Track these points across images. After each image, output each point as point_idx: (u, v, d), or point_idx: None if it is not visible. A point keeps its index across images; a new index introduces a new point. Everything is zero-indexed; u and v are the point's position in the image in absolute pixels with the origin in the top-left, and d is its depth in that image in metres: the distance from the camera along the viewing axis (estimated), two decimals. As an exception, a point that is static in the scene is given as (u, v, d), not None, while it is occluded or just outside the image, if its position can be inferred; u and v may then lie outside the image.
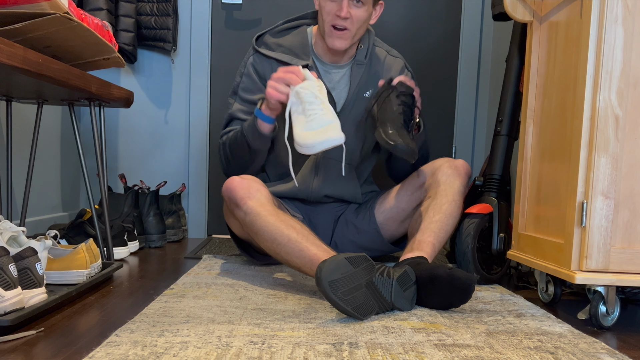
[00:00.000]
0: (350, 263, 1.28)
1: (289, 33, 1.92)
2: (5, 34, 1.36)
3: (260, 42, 1.91)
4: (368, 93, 1.89)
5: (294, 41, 1.89)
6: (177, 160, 2.75)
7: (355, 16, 1.74)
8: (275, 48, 1.88)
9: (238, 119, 1.86)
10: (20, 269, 1.21)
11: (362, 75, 1.88)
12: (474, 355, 1.08)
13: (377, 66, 1.92)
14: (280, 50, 1.88)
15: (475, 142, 2.80)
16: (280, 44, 1.89)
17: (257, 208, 1.58)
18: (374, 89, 1.90)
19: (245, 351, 1.05)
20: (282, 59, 1.85)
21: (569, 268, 1.31)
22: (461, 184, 1.73)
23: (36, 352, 1.04)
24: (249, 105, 1.86)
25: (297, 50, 1.87)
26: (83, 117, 2.67)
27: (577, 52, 1.35)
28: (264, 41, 1.91)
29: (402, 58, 1.98)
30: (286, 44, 1.88)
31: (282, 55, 1.86)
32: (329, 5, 1.74)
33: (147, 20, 2.55)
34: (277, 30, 1.92)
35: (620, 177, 1.29)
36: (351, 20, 1.74)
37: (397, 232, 1.92)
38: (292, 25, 1.93)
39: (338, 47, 1.78)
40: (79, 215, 1.99)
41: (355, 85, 1.87)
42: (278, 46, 1.88)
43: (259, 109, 1.69)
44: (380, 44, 1.97)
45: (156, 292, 1.53)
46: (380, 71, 1.92)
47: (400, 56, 1.99)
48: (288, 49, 1.87)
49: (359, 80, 1.87)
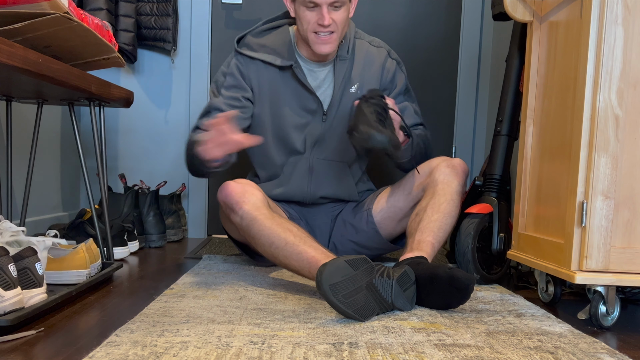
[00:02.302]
0: (350, 266, 1.28)
1: (270, 33, 1.90)
2: (5, 34, 1.36)
3: (241, 43, 1.90)
4: (353, 88, 1.87)
5: (276, 41, 1.87)
6: (177, 160, 2.75)
7: (337, 19, 1.72)
8: (258, 49, 1.87)
9: (219, 109, 1.80)
10: (20, 269, 1.21)
11: (346, 71, 1.87)
12: (474, 355, 1.08)
13: (361, 59, 1.90)
14: (263, 51, 1.86)
15: (475, 142, 2.80)
16: (263, 44, 1.87)
17: (253, 212, 1.58)
18: (359, 83, 1.88)
19: (245, 351, 1.05)
20: (266, 59, 1.84)
21: (569, 268, 1.31)
22: (459, 183, 1.72)
23: (36, 352, 1.04)
24: (233, 100, 1.84)
25: (280, 50, 1.86)
26: (83, 117, 2.67)
27: (577, 52, 1.35)
28: (245, 42, 1.89)
29: (385, 46, 1.95)
30: (269, 44, 1.87)
31: (265, 55, 1.85)
32: (308, 15, 1.72)
33: (147, 20, 2.55)
34: (259, 31, 1.91)
35: (620, 177, 1.29)
36: (335, 25, 1.73)
37: (395, 231, 1.92)
38: (273, 25, 1.92)
39: (326, 51, 1.77)
40: (79, 215, 1.99)
41: (340, 82, 1.86)
42: (261, 47, 1.87)
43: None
44: (362, 35, 1.94)
45: (156, 292, 1.53)
46: (363, 64, 1.90)
47: (382, 45, 1.95)
48: (271, 48, 1.86)
49: (343, 76, 1.86)
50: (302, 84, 1.85)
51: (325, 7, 1.69)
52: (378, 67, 1.91)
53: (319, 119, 1.88)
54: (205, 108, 1.85)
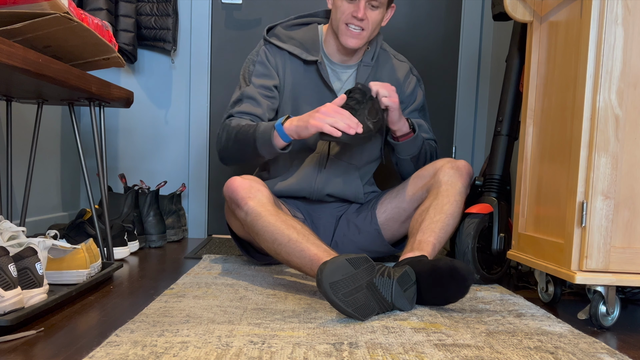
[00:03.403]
0: (351, 264, 1.28)
1: (300, 28, 1.94)
2: (5, 34, 1.36)
3: (271, 33, 1.93)
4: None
5: (305, 36, 1.90)
6: (177, 160, 2.75)
7: (371, 18, 1.76)
8: (286, 40, 1.90)
9: (254, 99, 1.82)
10: (20, 269, 1.21)
11: (368, 77, 1.90)
12: (474, 355, 1.08)
13: (383, 69, 1.94)
14: (291, 43, 1.89)
15: (475, 142, 2.80)
16: (292, 36, 1.90)
17: (258, 208, 1.58)
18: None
19: (245, 351, 1.05)
20: (293, 52, 1.87)
21: (569, 268, 1.31)
22: (463, 185, 1.73)
23: (36, 352, 1.04)
24: (264, 89, 1.84)
25: (307, 45, 1.88)
26: (83, 117, 2.67)
27: (577, 52, 1.35)
28: (275, 33, 1.92)
29: (408, 62, 2.00)
30: (297, 37, 1.90)
31: (293, 47, 1.88)
32: (344, 5, 1.76)
33: (147, 20, 2.55)
34: (289, 24, 1.94)
35: (620, 177, 1.29)
36: (367, 22, 1.76)
37: (398, 233, 1.92)
38: (304, 21, 1.95)
39: (352, 45, 1.79)
40: (79, 215, 1.99)
41: None
42: (289, 38, 1.90)
43: (280, 124, 1.65)
44: (387, 47, 2.00)
45: (156, 292, 1.53)
46: (386, 74, 1.93)
47: (406, 61, 2.00)
48: (299, 42, 1.89)
49: (365, 81, 1.88)
50: (324, 82, 1.87)
51: (364, 2, 1.74)
52: (399, 80, 1.94)
53: None
54: (237, 96, 1.85)
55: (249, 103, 1.82)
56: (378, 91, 1.69)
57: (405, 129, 1.81)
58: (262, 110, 1.82)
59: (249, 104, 1.82)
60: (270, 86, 1.85)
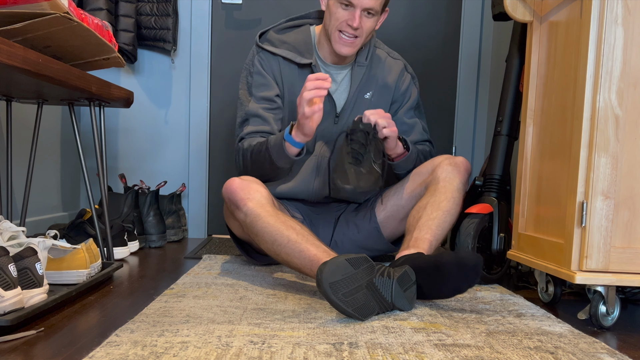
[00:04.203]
0: (350, 264, 1.28)
1: (292, 31, 1.92)
2: (5, 34, 1.36)
3: (263, 39, 1.92)
4: (368, 94, 1.90)
5: (297, 39, 1.89)
6: (177, 160, 2.75)
7: (365, 26, 1.76)
8: (279, 45, 1.89)
9: (258, 116, 1.83)
10: (20, 269, 1.21)
11: (362, 77, 1.89)
12: (474, 355, 1.08)
13: (378, 68, 1.93)
14: (284, 47, 1.88)
15: (475, 142, 2.80)
16: (284, 40, 1.89)
17: (257, 209, 1.58)
18: (373, 90, 1.91)
19: (245, 351, 1.05)
20: (287, 56, 1.86)
21: (569, 268, 1.31)
22: (460, 181, 1.73)
23: (36, 352, 1.04)
24: (267, 102, 1.85)
25: (300, 48, 1.87)
26: (83, 117, 2.67)
27: (577, 52, 1.35)
28: (267, 38, 1.91)
29: (402, 60, 1.99)
30: (290, 41, 1.89)
31: (286, 52, 1.87)
32: (340, 12, 1.74)
33: (147, 20, 2.55)
34: (281, 28, 1.93)
35: (620, 177, 1.29)
36: (361, 30, 1.76)
37: (397, 231, 1.92)
38: (295, 24, 1.94)
39: (345, 53, 1.80)
40: (79, 215, 1.99)
41: (355, 87, 1.88)
42: (282, 43, 1.89)
43: (289, 134, 1.66)
44: (381, 45, 1.98)
45: (156, 292, 1.53)
46: (380, 72, 1.93)
47: (400, 58, 1.99)
48: (292, 46, 1.88)
49: (359, 82, 1.88)
50: None
51: (359, 10, 1.72)
52: (394, 78, 1.94)
53: (332, 121, 1.89)
54: (242, 116, 1.86)
55: (255, 121, 1.83)
56: (377, 122, 1.69)
57: (400, 149, 1.81)
58: (270, 125, 1.83)
59: (256, 122, 1.83)
60: (272, 97, 1.85)
